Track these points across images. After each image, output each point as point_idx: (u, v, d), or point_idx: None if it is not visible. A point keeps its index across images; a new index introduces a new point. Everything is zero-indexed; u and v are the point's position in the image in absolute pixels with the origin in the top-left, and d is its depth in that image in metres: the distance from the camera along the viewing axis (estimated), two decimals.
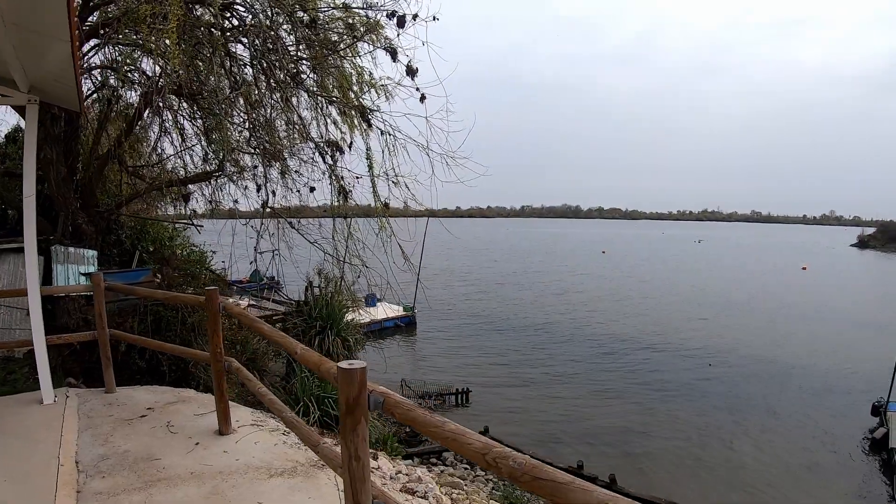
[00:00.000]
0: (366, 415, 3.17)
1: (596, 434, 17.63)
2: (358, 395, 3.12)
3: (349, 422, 3.16)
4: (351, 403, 3.12)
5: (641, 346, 28.75)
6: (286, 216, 13.66)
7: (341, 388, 3.15)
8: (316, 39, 11.23)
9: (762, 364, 26.18)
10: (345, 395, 3.14)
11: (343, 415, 3.18)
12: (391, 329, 31.73)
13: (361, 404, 3.13)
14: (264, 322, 5.45)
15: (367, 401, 3.14)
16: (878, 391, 19.59)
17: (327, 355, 15.23)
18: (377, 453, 8.25)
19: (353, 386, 3.11)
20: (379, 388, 3.17)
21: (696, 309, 40.63)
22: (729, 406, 20.41)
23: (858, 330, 35.04)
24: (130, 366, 10.42)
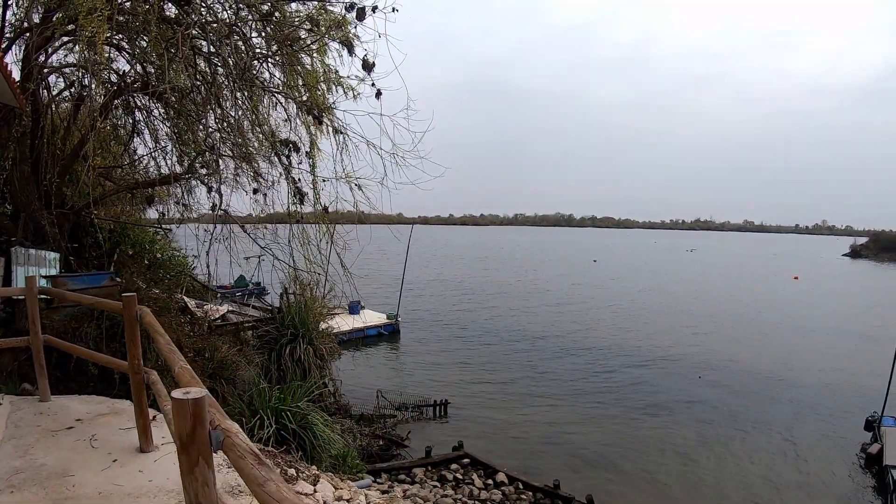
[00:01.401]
0: (205, 454, 2.63)
1: (577, 452, 17.09)
2: (192, 430, 2.59)
3: (185, 462, 2.64)
4: (185, 440, 2.61)
5: (628, 359, 28.26)
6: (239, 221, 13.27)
7: (175, 422, 2.63)
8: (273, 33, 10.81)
9: (752, 377, 25.72)
10: (178, 429, 2.61)
11: (179, 453, 2.67)
12: (374, 337, 31.32)
13: (198, 441, 2.61)
14: (164, 334, 4.95)
15: (209, 438, 2.61)
16: (872, 405, 19.16)
17: (298, 364, 14.87)
18: (319, 476, 7.70)
19: (185, 419, 2.58)
20: (226, 424, 2.61)
21: (686, 320, 40.26)
22: (717, 421, 19.91)
23: (850, 342, 34.66)
24: (85, 373, 9.92)
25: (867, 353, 30.82)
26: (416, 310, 40.57)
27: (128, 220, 15.83)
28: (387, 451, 15.50)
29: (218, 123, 11.80)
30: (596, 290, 56.28)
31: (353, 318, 32.93)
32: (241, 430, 2.64)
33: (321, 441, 10.95)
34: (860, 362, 29.06)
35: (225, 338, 14.85)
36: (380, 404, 18.41)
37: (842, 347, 33.04)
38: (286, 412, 10.86)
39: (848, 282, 78.77)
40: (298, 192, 12.56)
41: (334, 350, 16.74)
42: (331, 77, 11.92)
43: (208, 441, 2.62)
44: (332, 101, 11.96)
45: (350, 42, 10.82)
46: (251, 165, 12.71)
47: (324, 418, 11.86)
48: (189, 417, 2.58)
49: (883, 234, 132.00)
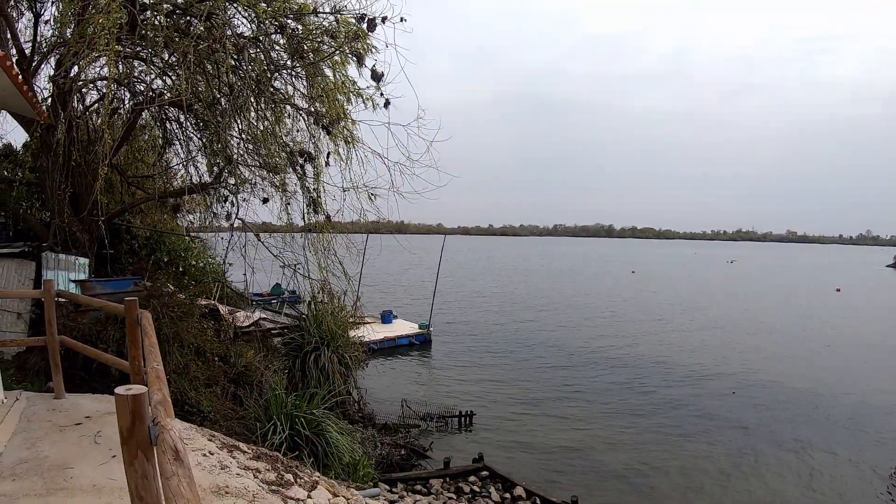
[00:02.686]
0: (144, 448, 2.75)
1: (601, 469, 16.77)
2: (132, 425, 2.73)
3: (126, 455, 2.78)
4: (125, 434, 2.75)
5: (662, 375, 27.77)
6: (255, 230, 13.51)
7: (118, 416, 2.75)
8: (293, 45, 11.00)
9: (788, 393, 25.15)
10: (119, 423, 2.75)
11: (121, 445, 2.79)
12: (405, 347, 31.33)
13: (136, 436, 2.74)
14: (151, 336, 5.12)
15: (149, 434, 2.74)
16: None
17: (322, 372, 15.00)
18: (318, 482, 7.77)
19: (126, 414, 2.72)
20: (165, 421, 2.75)
21: (723, 334, 39.58)
22: (748, 440, 19.47)
23: (891, 357, 33.80)
24: (108, 374, 10.15)
25: None
26: (450, 321, 40.48)
27: (161, 229, 16.20)
28: (408, 460, 15.47)
29: (241, 135, 12.02)
30: (633, 303, 55.73)
31: (385, 327, 33.11)
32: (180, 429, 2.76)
33: (333, 448, 11.04)
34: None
35: (252, 344, 15.06)
36: (404, 414, 18.41)
37: (882, 363, 32.07)
38: (300, 418, 10.97)
39: (892, 293, 77.07)
40: (313, 203, 12.74)
41: (360, 358, 16.83)
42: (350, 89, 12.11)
43: (147, 436, 2.74)
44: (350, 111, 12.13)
45: (361, 54, 10.99)
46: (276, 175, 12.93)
47: (339, 426, 11.95)
48: (129, 413, 2.71)
49: None
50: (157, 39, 9.92)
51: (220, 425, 10.39)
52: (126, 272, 14.08)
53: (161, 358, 6.51)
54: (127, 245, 15.51)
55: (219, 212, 14.91)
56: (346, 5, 11.11)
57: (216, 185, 13.53)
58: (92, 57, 9.46)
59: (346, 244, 14.08)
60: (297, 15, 11.00)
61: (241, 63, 10.58)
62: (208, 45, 9.89)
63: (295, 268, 14.64)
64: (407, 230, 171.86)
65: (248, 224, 13.46)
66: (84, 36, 9.03)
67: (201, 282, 16.05)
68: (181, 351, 10.93)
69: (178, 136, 14.22)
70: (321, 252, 13.41)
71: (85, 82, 12.04)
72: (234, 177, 12.75)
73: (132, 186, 15.41)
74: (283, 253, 13.85)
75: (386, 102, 11.52)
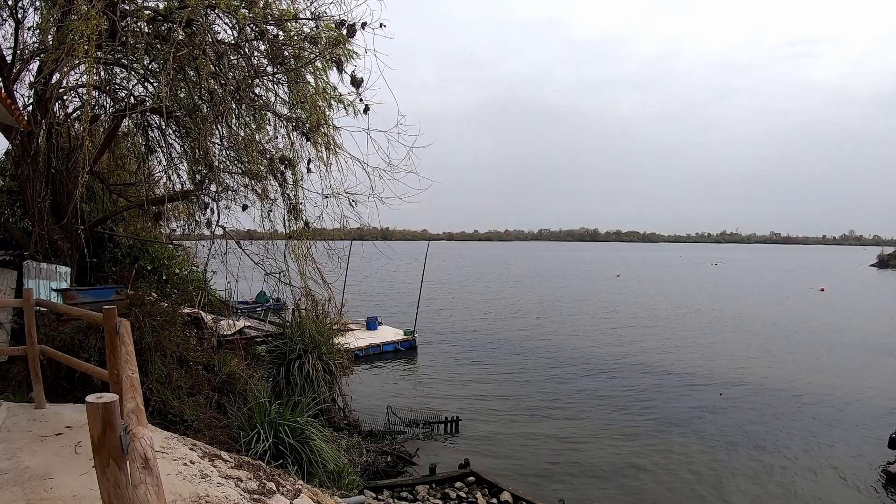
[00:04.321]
0: (115, 456, 2.74)
1: (589, 472, 16.75)
2: (103, 433, 2.71)
3: (98, 463, 2.76)
4: (97, 443, 2.72)
5: (647, 376, 27.80)
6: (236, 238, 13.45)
7: (89, 424, 2.74)
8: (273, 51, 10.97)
9: (774, 393, 25.28)
10: (91, 431, 2.74)
11: (93, 454, 2.77)
12: (391, 353, 31.26)
13: (108, 444, 2.72)
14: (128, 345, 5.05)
15: (120, 442, 2.72)
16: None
17: (306, 379, 14.95)
18: (300, 490, 7.72)
19: (97, 423, 2.70)
20: (137, 429, 2.72)
21: (708, 335, 39.78)
22: (736, 439, 19.52)
23: (876, 355, 33.99)
24: (90, 383, 10.08)
25: (892, 367, 30.43)
26: (436, 326, 40.48)
27: (144, 237, 16.11)
28: (394, 467, 15.41)
29: (222, 142, 11.97)
30: (617, 306, 55.89)
31: (370, 333, 33.05)
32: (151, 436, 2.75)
33: (317, 456, 10.98)
34: (886, 376, 28.57)
35: (236, 352, 15.00)
36: (390, 420, 18.36)
37: (867, 362, 32.41)
38: (284, 426, 10.92)
39: (875, 293, 77.62)
40: (294, 209, 12.72)
41: (345, 365, 16.78)
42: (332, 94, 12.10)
43: (119, 444, 2.73)
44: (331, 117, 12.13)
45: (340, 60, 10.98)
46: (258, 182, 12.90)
47: (324, 433, 11.90)
48: (100, 421, 2.69)
49: None
50: (137, 46, 9.85)
51: (203, 434, 10.32)
52: (108, 281, 13.99)
53: (141, 367, 6.48)
54: (109, 253, 15.40)
55: (201, 219, 14.83)
56: (326, 11, 11.12)
57: (198, 192, 13.47)
58: (72, 64, 9.41)
59: (326, 251, 14.05)
60: (278, 21, 10.99)
61: (221, 69, 10.55)
62: (189, 51, 9.85)
63: (279, 275, 14.58)
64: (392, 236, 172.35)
65: (229, 232, 13.41)
66: (64, 42, 8.97)
67: (184, 290, 15.94)
68: (164, 360, 10.85)
69: (160, 144, 14.17)
70: (301, 259, 13.37)
71: (66, 89, 11.98)
72: (215, 184, 12.70)
73: (114, 194, 15.32)
74: (265, 260, 13.80)
75: (365, 108, 11.54)
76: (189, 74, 10.72)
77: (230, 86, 10.44)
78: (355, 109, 11.98)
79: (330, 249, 14.40)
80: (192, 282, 17.28)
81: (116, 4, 9.07)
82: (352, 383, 19.26)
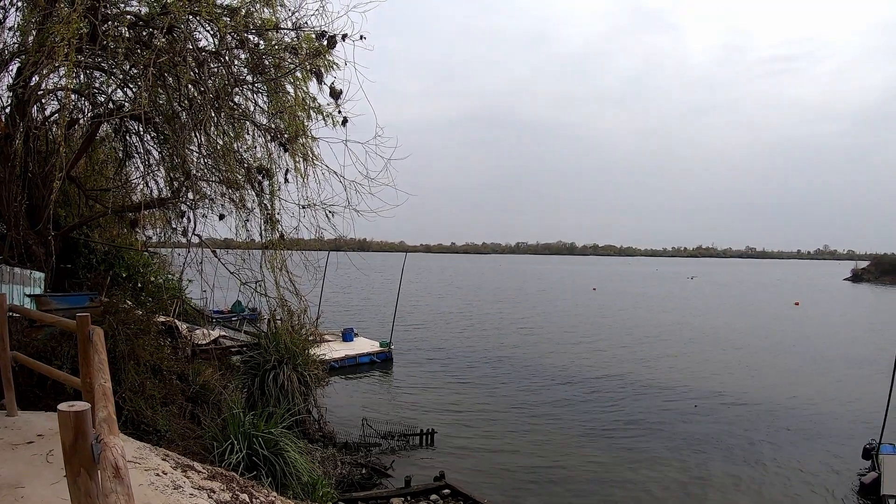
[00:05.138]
0: (87, 465, 2.71)
1: (565, 485, 16.70)
2: (74, 441, 2.68)
3: (69, 472, 2.73)
4: (68, 451, 2.70)
5: (624, 390, 27.81)
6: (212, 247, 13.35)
7: (60, 433, 2.71)
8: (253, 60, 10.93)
9: (749, 405, 25.44)
10: (62, 440, 2.72)
11: (65, 463, 2.75)
12: (367, 365, 31.13)
13: (80, 453, 2.70)
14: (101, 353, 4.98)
15: (91, 451, 2.67)
16: (872, 432, 18.93)
17: (281, 391, 14.85)
18: (274, 502, 7.67)
19: (68, 431, 2.68)
20: (108, 438, 2.68)
21: (684, 348, 39.96)
22: (711, 451, 19.59)
23: (850, 367, 34.36)
24: (63, 391, 9.97)
25: (866, 379, 30.63)
26: (412, 338, 40.36)
27: (119, 244, 15.96)
28: (369, 479, 15.30)
29: (200, 149, 11.90)
30: (593, 318, 56.09)
31: (346, 345, 32.91)
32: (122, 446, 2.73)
33: (291, 468, 10.90)
34: (859, 388, 28.78)
35: (211, 362, 14.88)
36: (365, 432, 18.26)
37: (841, 373, 32.78)
38: (258, 438, 10.83)
39: (849, 306, 78.61)
40: (271, 219, 12.67)
41: (320, 377, 16.70)
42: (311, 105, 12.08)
43: (90, 453, 2.70)
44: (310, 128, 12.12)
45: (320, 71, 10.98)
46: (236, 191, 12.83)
47: (298, 445, 11.81)
48: (71, 429, 2.67)
49: (885, 257, 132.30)
50: (118, 50, 9.78)
51: (176, 445, 10.21)
52: (83, 287, 13.84)
53: (114, 375, 6.40)
54: (84, 259, 15.26)
55: (177, 227, 14.72)
56: (307, 22, 11.11)
57: (175, 200, 13.37)
58: (52, 66, 9.32)
59: (303, 262, 14.00)
60: (259, 30, 10.97)
61: (201, 77, 10.50)
62: (169, 57, 9.80)
63: (255, 285, 14.49)
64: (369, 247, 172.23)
65: (205, 240, 13.33)
66: (45, 45, 8.89)
67: (159, 299, 15.81)
68: (137, 369, 10.73)
69: (138, 150, 14.06)
70: (277, 269, 13.31)
71: (45, 92, 11.87)
72: (192, 192, 12.62)
73: (90, 200, 15.19)
74: (241, 270, 13.71)
75: (344, 120, 11.55)
76: (169, 81, 10.67)
77: (210, 93, 10.40)
78: (334, 121, 11.99)
79: (306, 260, 14.35)
80: (167, 290, 17.13)
81: (98, 8, 9.01)
82: (327, 395, 19.14)
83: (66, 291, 12.99)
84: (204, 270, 13.72)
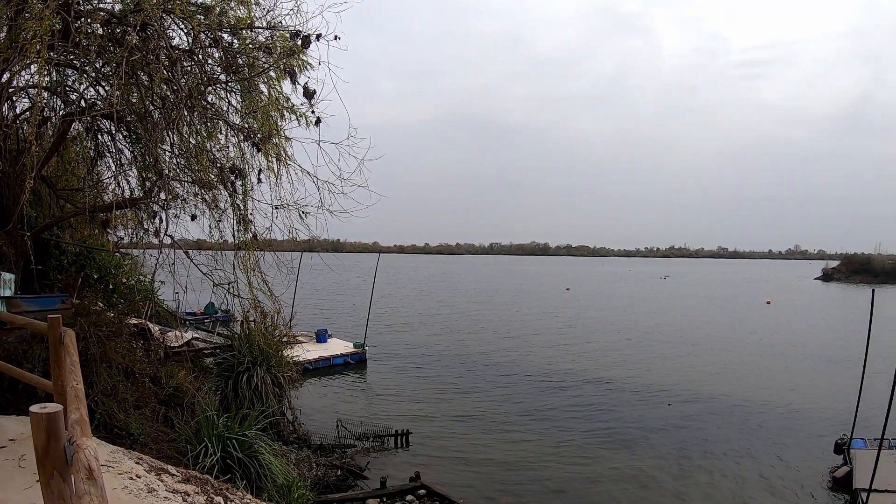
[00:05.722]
0: (60, 467, 2.67)
1: (540, 483, 16.71)
2: (47, 443, 2.65)
3: (42, 475, 2.70)
4: (41, 454, 2.67)
5: (597, 389, 27.92)
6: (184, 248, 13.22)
7: (33, 435, 2.68)
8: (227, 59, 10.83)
9: (722, 403, 25.66)
10: (35, 442, 2.69)
11: (37, 465, 2.73)
12: (341, 366, 31.02)
13: (52, 455, 2.67)
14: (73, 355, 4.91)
15: (64, 453, 2.64)
16: (843, 428, 19.18)
17: (254, 393, 14.74)
18: (250, 503, 7.61)
19: (41, 433, 2.65)
20: (81, 440, 2.65)
21: (657, 347, 40.20)
22: (686, 449, 19.71)
23: (821, 364, 34.93)
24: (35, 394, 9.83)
25: (836, 376, 31.07)
26: (387, 339, 40.25)
27: (91, 245, 15.77)
28: (344, 481, 15.23)
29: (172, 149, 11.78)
30: (567, 319, 56.26)
31: (320, 346, 32.77)
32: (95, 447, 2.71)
33: (266, 470, 10.83)
34: (830, 385, 29.27)
35: (184, 364, 14.75)
36: (340, 434, 18.19)
37: (812, 370, 33.29)
38: (232, 440, 10.74)
39: (819, 305, 79.59)
40: (243, 220, 12.57)
41: (294, 378, 16.62)
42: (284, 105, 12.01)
43: (63, 455, 2.67)
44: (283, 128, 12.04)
45: (293, 71, 10.92)
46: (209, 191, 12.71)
47: (272, 447, 11.75)
48: (44, 432, 2.64)
49: (854, 256, 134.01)
50: (90, 48, 9.64)
51: (150, 448, 10.11)
52: (54, 289, 13.65)
53: (86, 378, 6.30)
54: (55, 261, 15.05)
55: (149, 228, 14.56)
56: (282, 21, 11.04)
57: (147, 200, 13.22)
58: (24, 63, 9.19)
59: (276, 263, 13.92)
60: (234, 29, 10.88)
61: (174, 75, 10.39)
62: (142, 55, 9.69)
63: (229, 286, 14.37)
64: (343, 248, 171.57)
65: (177, 241, 13.19)
66: (16, 41, 8.75)
67: (131, 300, 15.63)
68: (109, 371, 10.60)
69: (110, 149, 13.89)
70: (250, 271, 13.20)
71: (16, 90, 11.71)
72: (165, 192, 12.48)
73: (62, 200, 14.99)
74: (214, 271, 13.59)
75: (317, 120, 11.49)
76: (142, 79, 10.55)
77: (183, 92, 10.28)
78: (308, 121, 11.91)
79: (279, 261, 14.26)
80: (139, 292, 16.98)
81: (71, 4, 8.88)
82: (301, 396, 19.03)
83: (36, 293, 12.79)
84: (176, 272, 13.58)
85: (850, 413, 18.94)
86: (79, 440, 2.73)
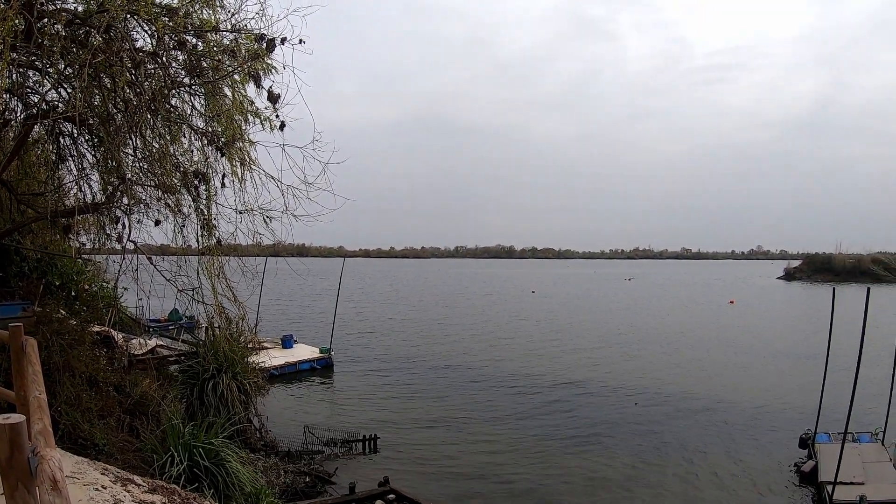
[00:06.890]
0: (24, 479, 2.63)
1: (510, 486, 16.73)
2: (10, 454, 2.60)
3: (6, 487, 2.65)
4: (4, 465, 2.61)
5: (564, 390, 28.08)
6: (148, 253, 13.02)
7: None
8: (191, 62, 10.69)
9: (688, 401, 25.96)
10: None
11: (1, 477, 2.67)
12: (307, 372, 30.84)
13: (16, 467, 2.62)
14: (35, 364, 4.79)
15: (28, 465, 2.61)
16: (807, 423, 19.45)
17: (220, 400, 14.57)
18: None
19: (4, 444, 2.59)
20: (45, 451, 2.59)
21: (622, 348, 40.50)
22: (653, 447, 19.90)
23: (784, 361, 35.53)
24: None
25: (799, 372, 31.65)
26: (353, 344, 40.11)
27: (52, 250, 15.50)
28: (313, 487, 15.13)
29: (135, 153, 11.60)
30: (532, 321, 56.45)
31: (286, 352, 32.54)
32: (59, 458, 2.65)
33: (234, 478, 10.70)
34: (793, 381, 29.78)
35: (148, 372, 14.55)
36: (307, 440, 18.06)
37: (775, 367, 33.84)
38: (199, 449, 10.60)
39: (781, 303, 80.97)
40: (207, 225, 12.43)
41: (260, 385, 16.48)
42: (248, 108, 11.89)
43: (27, 466, 2.63)
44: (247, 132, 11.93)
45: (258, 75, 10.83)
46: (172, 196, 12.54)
47: (239, 455, 11.63)
48: (7, 443, 2.59)
49: (816, 256, 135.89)
50: (53, 49, 9.45)
51: (115, 458, 9.95)
52: (15, 296, 13.41)
53: (49, 388, 6.15)
54: (16, 267, 14.76)
55: (112, 233, 14.32)
56: (247, 25, 10.92)
57: (109, 205, 13.00)
58: None
59: (240, 268, 13.76)
60: (198, 31, 10.75)
61: (138, 78, 10.23)
62: (106, 57, 9.52)
63: (193, 292, 14.17)
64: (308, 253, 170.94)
65: (140, 247, 12.99)
66: None
67: (94, 307, 15.37)
68: (73, 381, 10.42)
69: (72, 153, 13.65)
70: (214, 276, 13.03)
71: None
72: (127, 196, 12.28)
73: (22, 204, 14.69)
74: (178, 277, 13.39)
75: (281, 125, 11.38)
76: (105, 81, 10.37)
77: (146, 95, 10.12)
78: (272, 125, 11.79)
79: (244, 266, 14.11)
80: (102, 298, 16.71)
81: (34, 5, 8.70)
82: (267, 403, 18.91)
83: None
84: (139, 278, 13.37)
85: (813, 408, 19.21)
86: (43, 451, 2.68)
